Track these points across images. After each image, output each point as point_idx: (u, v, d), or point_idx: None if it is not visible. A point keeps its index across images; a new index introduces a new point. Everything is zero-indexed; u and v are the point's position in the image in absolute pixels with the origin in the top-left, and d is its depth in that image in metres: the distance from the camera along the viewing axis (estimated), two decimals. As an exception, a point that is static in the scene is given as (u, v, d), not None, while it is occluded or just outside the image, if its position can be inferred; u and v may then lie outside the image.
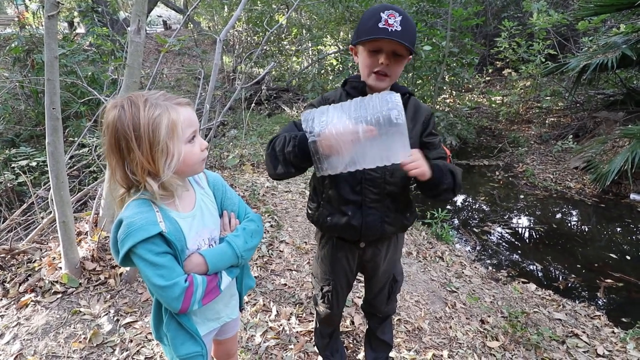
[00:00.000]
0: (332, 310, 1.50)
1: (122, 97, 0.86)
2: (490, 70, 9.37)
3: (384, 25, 1.06)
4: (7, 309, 1.93)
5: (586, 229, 4.17)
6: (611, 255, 3.54)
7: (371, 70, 1.14)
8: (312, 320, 2.02)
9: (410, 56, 1.16)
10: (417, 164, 1.04)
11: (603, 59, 5.40)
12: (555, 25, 7.00)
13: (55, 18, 1.73)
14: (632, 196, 4.68)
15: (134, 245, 0.84)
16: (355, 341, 1.95)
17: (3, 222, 2.74)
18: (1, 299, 1.98)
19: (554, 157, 6.02)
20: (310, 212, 1.36)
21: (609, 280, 3.13)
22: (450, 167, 1.18)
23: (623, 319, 2.64)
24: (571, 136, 6.23)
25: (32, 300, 1.97)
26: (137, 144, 0.83)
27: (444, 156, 1.26)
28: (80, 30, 9.67)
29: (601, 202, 4.66)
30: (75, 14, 8.90)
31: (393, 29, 1.06)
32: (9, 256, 2.23)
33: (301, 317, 2.07)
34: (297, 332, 1.95)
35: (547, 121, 7.33)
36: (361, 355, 1.84)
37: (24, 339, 1.76)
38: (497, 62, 8.56)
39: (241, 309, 1.20)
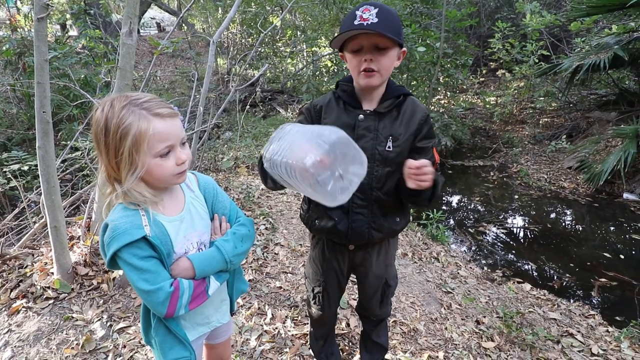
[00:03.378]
0: (324, 311, 1.49)
1: (109, 98, 0.86)
2: (484, 71, 9.43)
3: (359, 21, 1.05)
4: (-3, 315, 1.91)
5: (580, 229, 4.20)
6: (605, 254, 3.56)
7: (359, 70, 1.12)
8: (308, 323, 2.01)
9: (402, 48, 1.13)
10: (426, 178, 1.02)
11: (595, 59, 5.45)
12: (548, 26, 7.06)
13: (44, 21, 1.72)
14: (625, 195, 4.72)
15: (118, 250, 0.84)
16: (350, 344, 1.94)
17: (-6, 227, 2.70)
18: (-8, 306, 1.96)
19: (548, 157, 6.07)
20: (302, 212, 1.39)
21: (603, 279, 3.15)
22: (437, 179, 1.13)
23: (617, 318, 2.66)
24: (565, 136, 6.28)
25: (23, 307, 1.94)
26: (106, 149, 0.84)
27: (432, 162, 1.23)
28: (73, 32, 9.60)
29: (595, 201, 4.70)
30: (68, 16, 8.84)
31: (368, 22, 1.04)
32: (0, 262, 2.20)
33: (296, 320, 2.06)
34: (292, 335, 1.94)
35: (540, 121, 7.38)
36: (356, 357, 1.83)
37: (15, 346, 1.73)
38: (491, 63, 8.61)
39: (232, 313, 1.19)
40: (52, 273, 2.07)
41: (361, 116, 1.17)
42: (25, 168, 3.35)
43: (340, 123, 1.18)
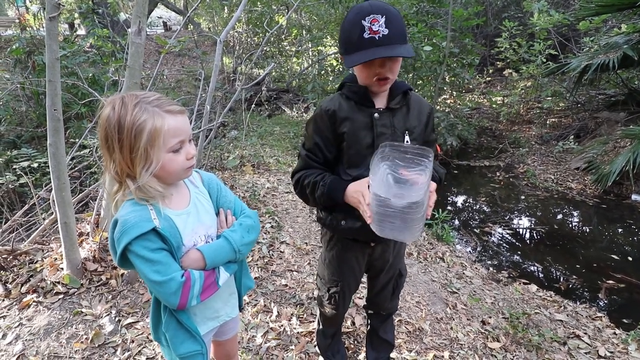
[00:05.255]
0: (338, 310, 1.50)
1: (118, 95, 0.88)
2: (490, 71, 9.37)
3: (369, 34, 1.00)
4: (9, 309, 1.94)
5: (587, 230, 4.16)
6: (613, 256, 3.53)
7: (372, 79, 1.10)
8: (313, 321, 2.02)
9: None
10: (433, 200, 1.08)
11: (604, 59, 5.39)
12: (556, 25, 7.00)
13: (56, 19, 1.74)
14: (634, 197, 4.67)
15: (129, 243, 0.85)
16: (356, 342, 1.95)
17: (5, 223, 2.74)
18: (3, 300, 1.99)
19: (555, 157, 6.02)
20: (321, 215, 1.33)
21: (610, 282, 3.12)
22: (439, 173, 1.24)
23: (624, 320, 2.64)
24: (572, 137, 6.23)
25: (34, 301, 1.97)
26: (119, 146, 0.85)
27: (434, 154, 1.28)
28: (81, 31, 9.68)
29: (602, 202, 4.65)
30: (76, 15, 8.93)
31: (380, 36, 1.00)
32: (11, 257, 2.23)
33: (302, 317, 2.07)
34: (298, 332, 1.95)
35: (548, 122, 7.32)
36: (362, 356, 1.84)
37: (26, 340, 1.76)
38: (498, 63, 8.55)
39: (240, 309, 1.20)
40: (62, 268, 2.10)
41: (376, 114, 1.16)
42: (35, 165, 3.39)
43: (357, 123, 1.17)
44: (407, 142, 1.19)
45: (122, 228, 0.86)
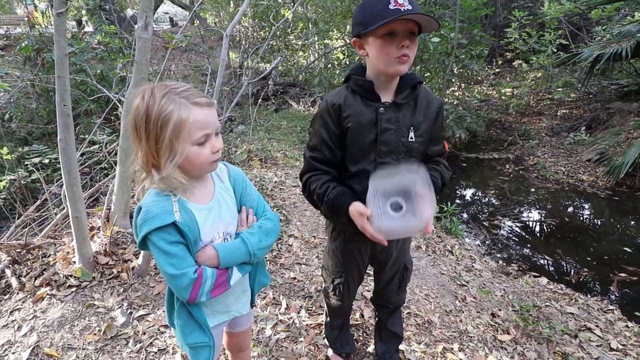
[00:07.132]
0: (343, 302, 1.51)
1: (150, 85, 0.89)
2: (500, 62, 9.22)
3: (395, 6, 1.00)
4: (23, 302, 1.98)
5: (599, 222, 4.10)
6: (625, 248, 3.48)
7: (393, 56, 1.05)
8: (322, 314, 2.03)
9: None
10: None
11: (617, 48, 5.28)
12: (567, 14, 6.85)
13: (64, 15, 1.75)
14: (647, 188, 4.58)
15: (148, 232, 0.87)
16: (365, 334, 1.95)
17: (18, 218, 2.79)
18: (18, 293, 2.03)
19: (566, 149, 5.92)
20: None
21: (622, 274, 3.08)
22: (442, 176, 1.22)
23: (637, 313, 2.60)
24: (584, 128, 6.12)
25: (47, 294, 2.01)
26: (146, 136, 0.86)
27: (442, 152, 1.28)
28: (89, 28, 9.75)
29: (615, 194, 4.58)
30: (84, 12, 8.98)
31: (405, 8, 1.00)
32: (25, 251, 2.28)
33: (311, 310, 2.08)
34: (307, 325, 1.96)
35: (558, 113, 7.20)
36: (371, 347, 1.84)
37: (40, 331, 1.80)
38: (507, 54, 8.41)
39: (252, 305, 1.20)
40: (74, 262, 2.14)
41: (382, 109, 1.14)
42: (46, 161, 3.45)
43: (362, 118, 1.15)
44: (411, 138, 1.17)
45: (144, 217, 0.88)
